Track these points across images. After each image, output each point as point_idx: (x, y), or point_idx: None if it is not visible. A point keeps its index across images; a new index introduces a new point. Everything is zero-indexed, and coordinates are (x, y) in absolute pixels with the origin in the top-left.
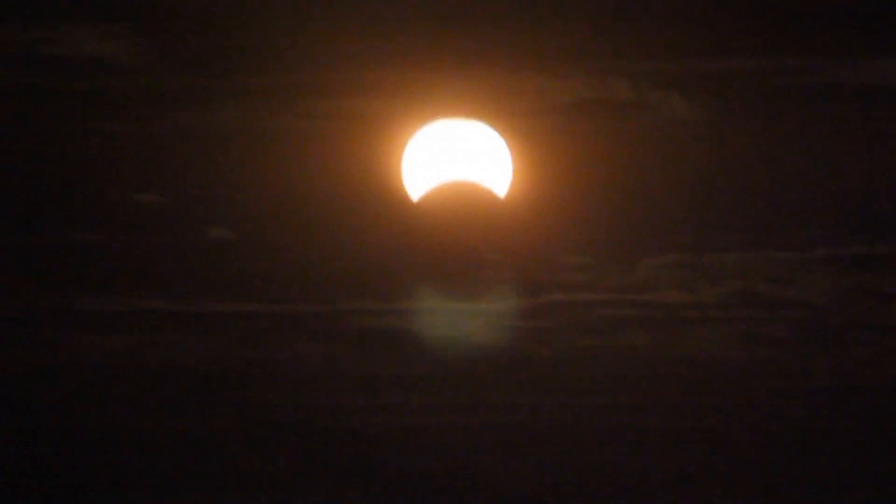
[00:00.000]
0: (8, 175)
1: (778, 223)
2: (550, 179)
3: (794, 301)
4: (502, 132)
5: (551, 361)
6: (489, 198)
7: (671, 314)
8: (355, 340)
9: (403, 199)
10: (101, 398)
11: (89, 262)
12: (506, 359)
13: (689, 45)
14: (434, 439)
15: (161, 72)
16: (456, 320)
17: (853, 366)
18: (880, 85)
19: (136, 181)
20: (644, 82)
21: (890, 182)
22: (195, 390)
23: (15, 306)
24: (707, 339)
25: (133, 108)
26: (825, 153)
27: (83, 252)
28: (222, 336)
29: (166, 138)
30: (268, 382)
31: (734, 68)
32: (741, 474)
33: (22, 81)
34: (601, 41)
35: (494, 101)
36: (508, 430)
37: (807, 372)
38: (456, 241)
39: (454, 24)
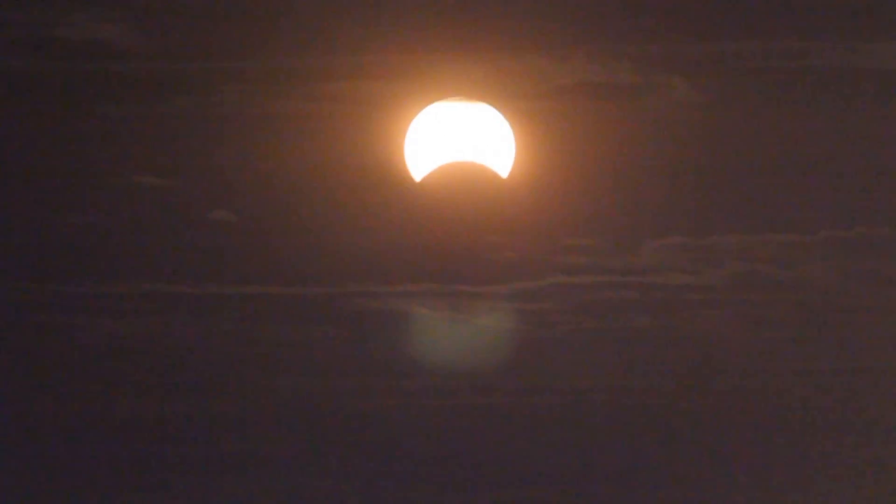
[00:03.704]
0: (10, 158)
1: (780, 205)
2: (553, 161)
3: (796, 283)
4: (505, 114)
5: (554, 343)
6: (492, 179)
7: (674, 296)
8: (358, 323)
9: (406, 180)
10: (104, 381)
11: (91, 246)
12: (508, 341)
13: (691, 28)
14: (437, 420)
15: (164, 55)
16: (458, 302)
17: (854, 347)
18: (881, 67)
19: (138, 164)
20: (646, 65)
21: (891, 164)
22: (199, 373)
23: (17, 291)
24: (709, 320)
25: (136, 92)
26: (827, 136)
27: (85, 235)
28: (225, 319)
29: (169, 121)
30: (270, 364)
31: (736, 51)
32: (742, 453)
33: (24, 65)
34: (604, 24)
35: (497, 84)
36: (511, 411)
37: (808, 353)
38: (458, 222)
39: (457, 7)
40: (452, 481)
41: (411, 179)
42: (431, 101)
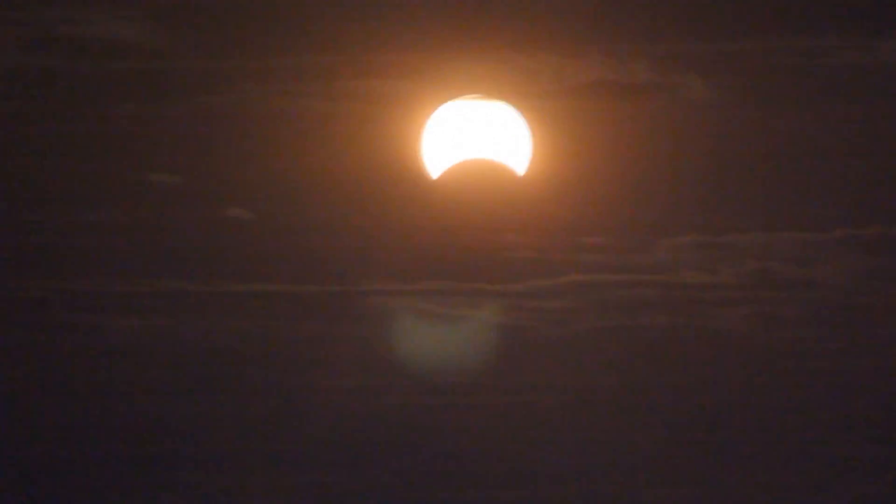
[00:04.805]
0: (26, 156)
1: (796, 204)
2: (569, 159)
3: (812, 282)
4: (522, 112)
5: (569, 341)
6: (508, 176)
7: (689, 294)
8: (375, 320)
9: (423, 178)
10: (120, 379)
11: (107, 244)
12: (524, 339)
13: (707, 26)
14: (453, 418)
15: (180, 54)
16: (475, 300)
17: (870, 346)
18: None
19: (153, 162)
20: (662, 64)
21: None
22: (214, 371)
23: (34, 288)
24: (725, 319)
25: (151, 90)
26: (844, 134)
27: (100, 233)
28: (241, 317)
29: (184, 119)
30: (287, 363)
31: (752, 49)
32: (757, 452)
33: (40, 63)
34: (619, 23)
35: (514, 82)
36: (526, 409)
37: (823, 352)
38: (475, 220)
39: (475, 7)
40: (470, 478)
41: (428, 177)
42: (448, 100)
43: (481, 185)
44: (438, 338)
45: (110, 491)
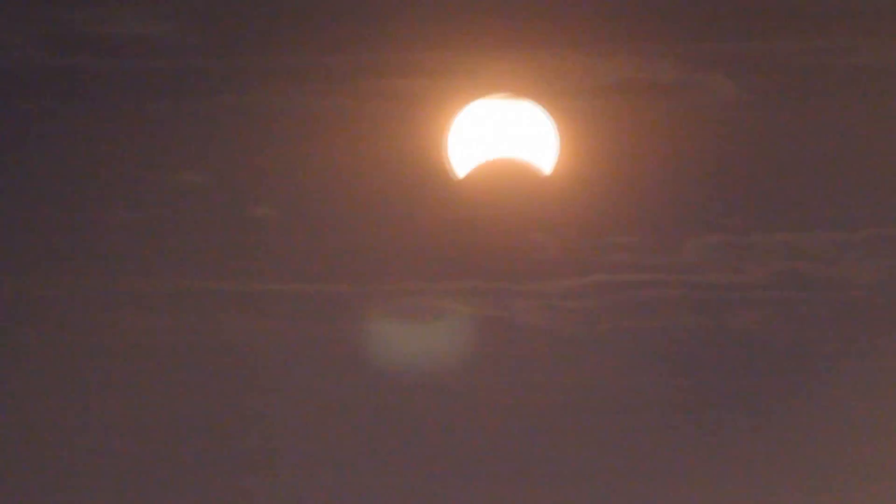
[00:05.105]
0: (53, 154)
1: (823, 204)
2: (596, 158)
3: (840, 281)
4: (549, 111)
5: (595, 340)
6: (535, 176)
7: (717, 294)
8: (399, 320)
9: (449, 177)
10: (145, 377)
11: (133, 242)
12: (551, 339)
13: (734, 25)
14: (480, 418)
15: (206, 52)
16: (500, 300)
17: None
18: None
19: (180, 160)
20: (689, 63)
21: None
22: (241, 370)
23: (60, 286)
24: (753, 319)
25: (178, 88)
26: (871, 133)
27: (127, 231)
28: (266, 316)
29: (211, 118)
30: (312, 362)
31: (779, 49)
32: (785, 452)
33: (68, 61)
34: (647, 22)
35: (541, 81)
36: (554, 409)
37: (851, 352)
38: (501, 220)
39: (501, 4)
40: (490, 479)
41: (454, 176)
42: (475, 98)
43: (507, 184)
44: (463, 337)
45: (139, 490)
